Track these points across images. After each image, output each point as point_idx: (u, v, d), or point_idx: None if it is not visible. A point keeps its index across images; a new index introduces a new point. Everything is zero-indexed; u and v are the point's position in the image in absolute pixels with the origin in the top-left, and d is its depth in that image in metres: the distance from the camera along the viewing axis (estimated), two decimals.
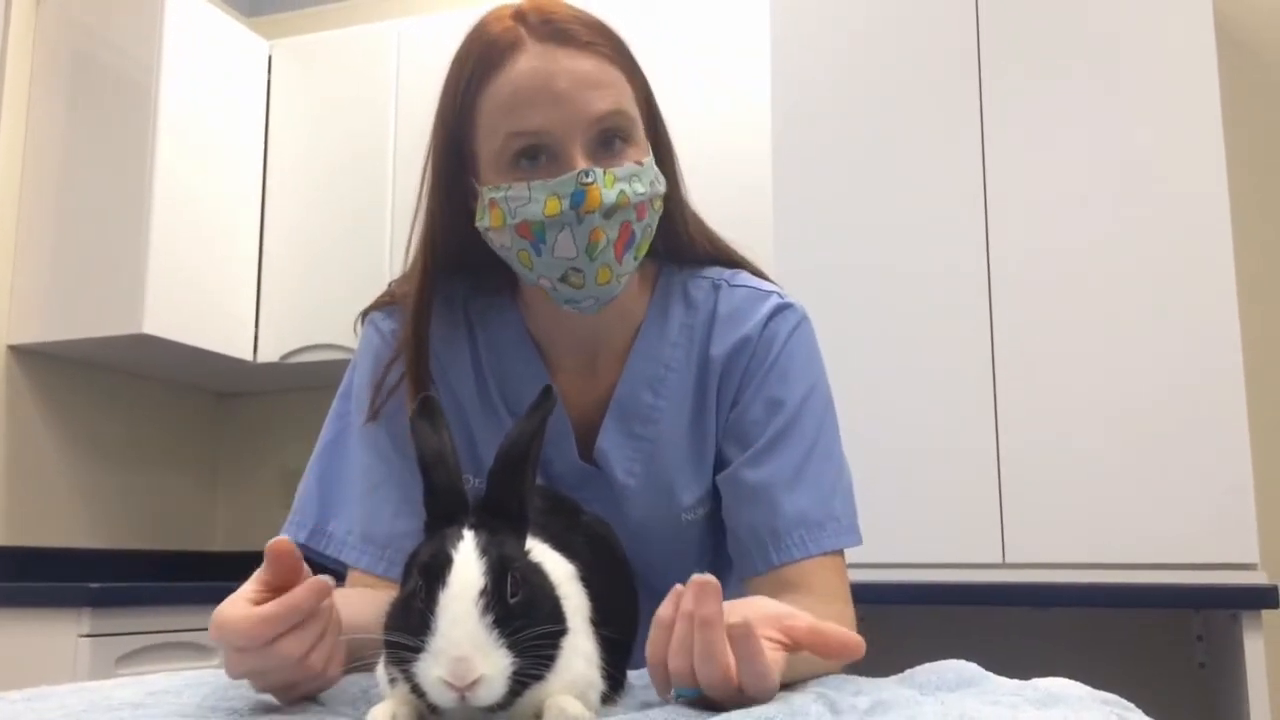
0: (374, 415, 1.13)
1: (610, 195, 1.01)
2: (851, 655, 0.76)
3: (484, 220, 1.06)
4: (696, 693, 0.71)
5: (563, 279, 1.04)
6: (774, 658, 0.73)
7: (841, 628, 0.76)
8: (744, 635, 0.69)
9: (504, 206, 1.03)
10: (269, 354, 3.61)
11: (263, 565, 0.78)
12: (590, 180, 1.00)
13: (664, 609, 0.74)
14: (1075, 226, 2.61)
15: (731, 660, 0.70)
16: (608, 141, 1.04)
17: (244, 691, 0.79)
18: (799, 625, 0.76)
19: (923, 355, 2.67)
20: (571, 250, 1.02)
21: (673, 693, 0.73)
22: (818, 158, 2.82)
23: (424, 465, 0.73)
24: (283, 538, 0.78)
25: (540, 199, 1.01)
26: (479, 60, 1.06)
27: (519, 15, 1.07)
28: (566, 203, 1.00)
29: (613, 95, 1.05)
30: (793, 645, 0.76)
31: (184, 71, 3.39)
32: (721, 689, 0.70)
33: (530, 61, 1.04)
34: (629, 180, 1.03)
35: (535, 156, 1.03)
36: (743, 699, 0.71)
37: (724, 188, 2.87)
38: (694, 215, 1.21)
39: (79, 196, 3.33)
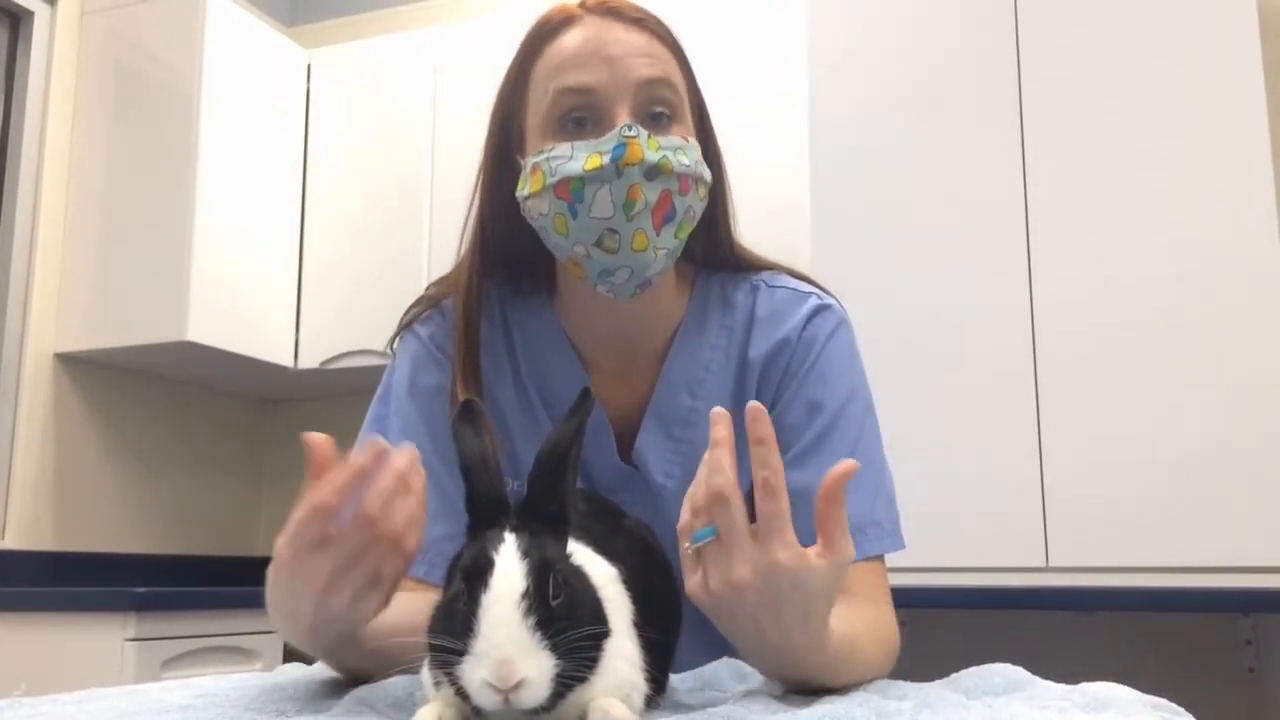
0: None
1: (653, 155, 1.01)
2: (846, 474, 0.76)
3: (524, 189, 1.07)
4: (712, 530, 0.74)
5: (598, 243, 1.03)
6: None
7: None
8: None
9: (545, 167, 1.04)
10: (309, 360, 3.65)
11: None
12: (633, 134, 1.01)
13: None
14: (1117, 224, 2.58)
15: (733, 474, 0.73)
16: (655, 116, 1.05)
17: (291, 693, 0.80)
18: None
19: (964, 357, 2.64)
20: (609, 209, 1.01)
21: (690, 542, 0.76)
22: (855, 160, 2.81)
23: (465, 469, 0.73)
24: (318, 435, 0.78)
25: (582, 156, 1.02)
26: (533, 37, 1.11)
27: (580, 3, 1.11)
28: (608, 157, 1.01)
29: (661, 66, 1.07)
30: (828, 543, 0.76)
31: (225, 82, 3.43)
32: (726, 500, 0.73)
33: (584, 30, 1.08)
34: (674, 150, 1.03)
35: (582, 122, 1.04)
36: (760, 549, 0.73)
37: (761, 191, 2.87)
38: (738, 240, 1.21)
39: (124, 207, 3.39)
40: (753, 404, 0.75)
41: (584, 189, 1.01)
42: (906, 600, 1.11)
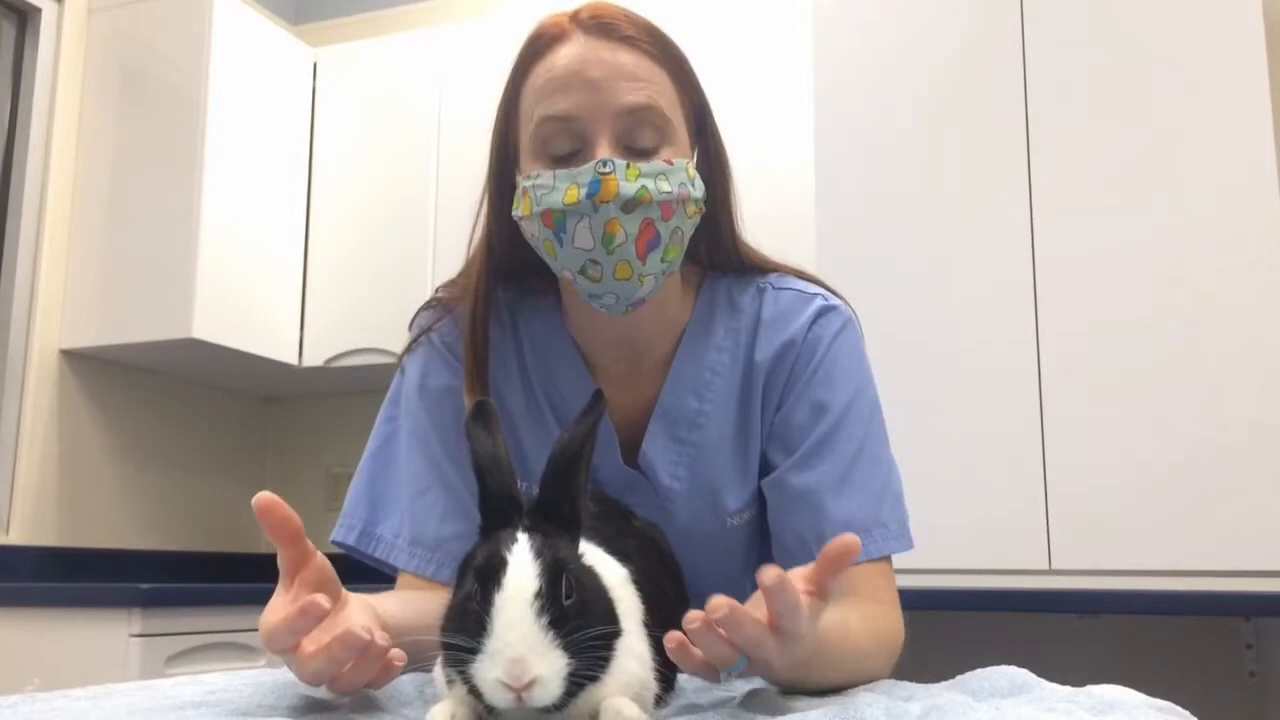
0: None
1: (629, 188, 1.01)
2: (852, 554, 0.74)
3: (518, 209, 1.07)
4: (743, 663, 0.72)
5: (582, 271, 1.04)
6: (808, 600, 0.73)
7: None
8: (777, 579, 0.68)
9: (532, 194, 1.04)
10: (314, 358, 3.66)
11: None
12: (608, 170, 1.00)
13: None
14: (1122, 223, 2.58)
15: (760, 615, 0.70)
16: (639, 137, 1.04)
17: (302, 691, 0.81)
18: (808, 568, 0.77)
19: (967, 357, 2.65)
20: (589, 241, 1.02)
21: (722, 675, 0.74)
22: (859, 159, 2.81)
23: (479, 469, 0.74)
24: (266, 493, 0.76)
25: (562, 187, 1.02)
26: (526, 51, 1.10)
27: (573, 15, 1.09)
28: (584, 191, 1.00)
29: (648, 90, 1.05)
30: (818, 590, 0.75)
31: (231, 80, 3.44)
32: (760, 641, 0.71)
33: (571, 50, 1.06)
34: (654, 178, 1.02)
35: (565, 146, 1.04)
36: (782, 646, 0.71)
37: (765, 191, 2.87)
38: (744, 241, 1.21)
39: (130, 204, 3.39)
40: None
41: (565, 220, 1.02)
42: (908, 602, 1.11)
